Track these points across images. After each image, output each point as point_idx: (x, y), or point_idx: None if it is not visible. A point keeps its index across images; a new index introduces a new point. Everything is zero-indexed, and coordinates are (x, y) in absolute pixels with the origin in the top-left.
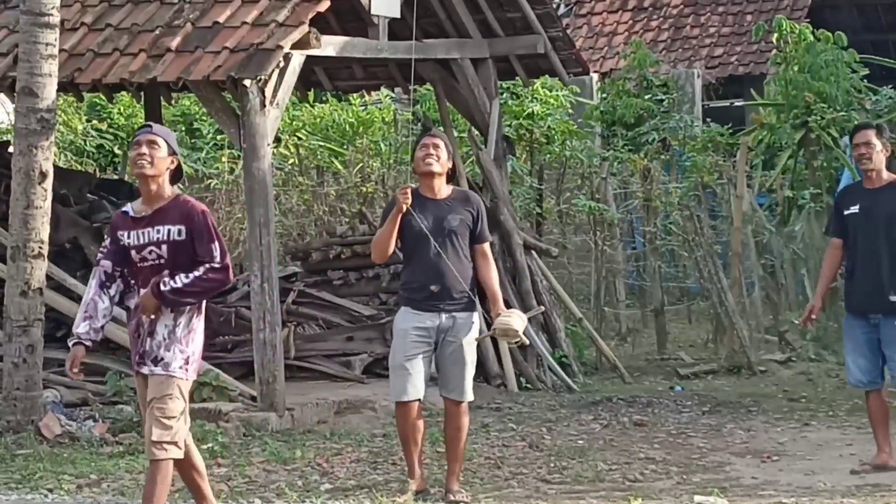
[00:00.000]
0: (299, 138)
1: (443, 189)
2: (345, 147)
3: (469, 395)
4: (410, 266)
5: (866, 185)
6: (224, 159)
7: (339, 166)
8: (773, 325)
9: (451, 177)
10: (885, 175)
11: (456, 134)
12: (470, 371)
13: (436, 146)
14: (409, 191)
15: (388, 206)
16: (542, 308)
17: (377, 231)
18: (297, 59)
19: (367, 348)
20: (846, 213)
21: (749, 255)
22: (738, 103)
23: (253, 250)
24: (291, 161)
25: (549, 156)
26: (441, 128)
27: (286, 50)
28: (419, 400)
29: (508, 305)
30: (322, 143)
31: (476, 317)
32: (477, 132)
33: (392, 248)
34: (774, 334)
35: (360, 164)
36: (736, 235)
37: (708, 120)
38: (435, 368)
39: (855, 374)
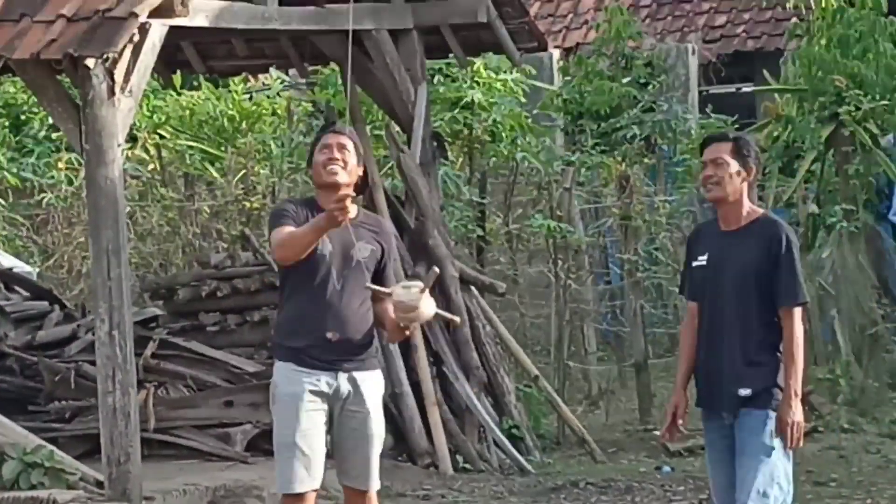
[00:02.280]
0: (161, 137)
1: (349, 206)
2: (223, 149)
3: (377, 482)
4: (298, 304)
5: (721, 224)
6: (61, 165)
7: (215, 174)
8: None
9: (361, 189)
10: (745, 209)
11: (369, 130)
12: (378, 448)
13: (341, 147)
14: (348, 200)
15: (278, 208)
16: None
17: (286, 232)
18: (158, 30)
19: (250, 416)
20: (694, 264)
21: None
22: (747, 88)
23: (99, 287)
24: (151, 167)
25: (494, 159)
26: (348, 122)
27: (142, 18)
28: (315, 490)
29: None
30: (192, 144)
31: (380, 375)
32: (397, 128)
33: (309, 248)
34: None
35: (243, 172)
36: None
37: (707, 110)
38: (330, 446)
39: (716, 495)
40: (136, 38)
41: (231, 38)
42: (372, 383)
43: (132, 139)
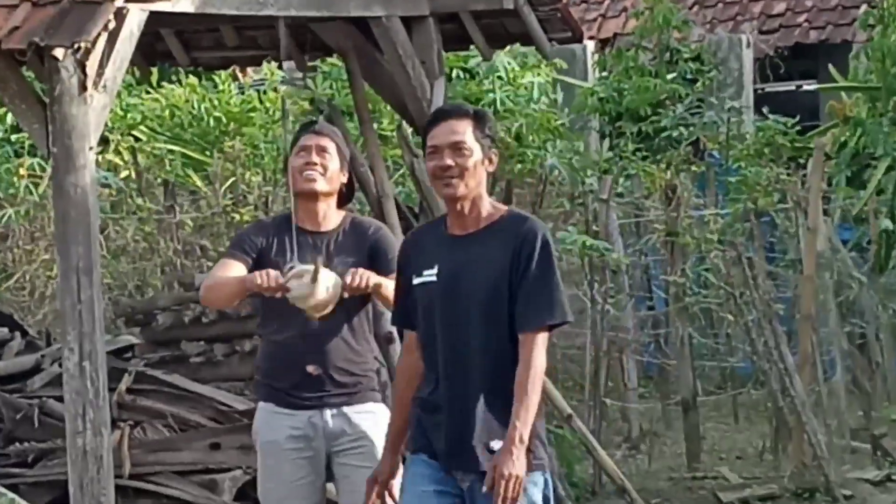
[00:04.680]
0: (136, 139)
1: (330, 216)
2: (208, 153)
3: None
4: (274, 337)
5: (452, 227)
6: (22, 171)
7: (199, 182)
8: (863, 425)
9: (346, 198)
10: (486, 208)
11: (378, 131)
12: None
13: (321, 150)
14: (277, 284)
15: (244, 233)
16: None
17: (218, 275)
18: (136, 17)
19: (240, 461)
20: (416, 280)
21: (827, 319)
22: (809, 86)
23: (67, 311)
24: (126, 174)
25: (520, 166)
26: (336, 120)
27: (119, 3)
28: None
29: None
30: (173, 147)
31: (383, 409)
32: (411, 129)
33: (234, 301)
34: (865, 440)
35: (232, 179)
36: (807, 288)
37: (763, 111)
38: (336, 494)
39: None
40: (112, 26)
41: (219, 25)
42: (368, 417)
43: (105, 142)
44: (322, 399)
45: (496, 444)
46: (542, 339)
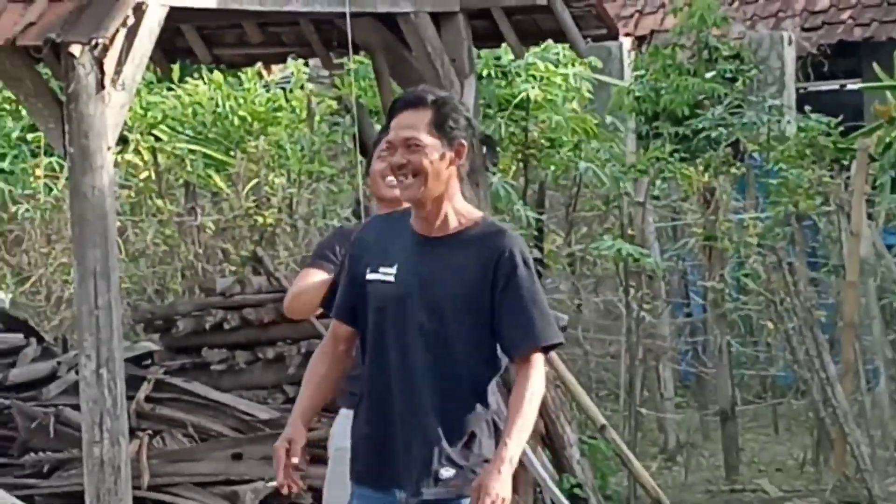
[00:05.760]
0: (157, 139)
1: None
2: (230, 153)
3: None
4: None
5: (417, 225)
6: (38, 171)
7: (222, 183)
8: None
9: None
10: (456, 212)
11: None
12: None
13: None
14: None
15: (325, 242)
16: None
17: (309, 282)
18: (157, 12)
19: (262, 472)
20: (370, 275)
21: (871, 327)
22: (853, 85)
23: (84, 316)
24: (145, 175)
25: (553, 168)
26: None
27: None
28: None
29: None
30: (194, 147)
31: None
32: None
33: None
34: None
35: (255, 181)
36: (850, 295)
37: (805, 110)
38: None
39: None
40: (131, 22)
41: (242, 21)
42: None
43: (123, 141)
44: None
45: (446, 473)
46: (538, 361)
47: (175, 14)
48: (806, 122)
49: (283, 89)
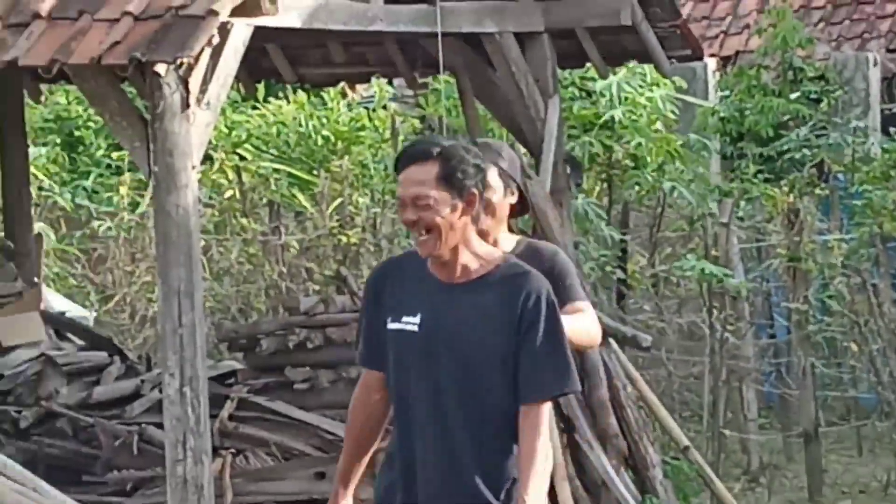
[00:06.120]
0: (242, 158)
1: (502, 241)
2: (314, 173)
3: None
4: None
5: (437, 272)
6: (123, 190)
7: (306, 202)
8: None
9: (520, 213)
10: (476, 256)
11: None
12: None
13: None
14: None
15: None
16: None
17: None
18: (241, 32)
19: None
20: (391, 324)
21: None
22: None
23: (168, 335)
24: (230, 194)
25: (637, 189)
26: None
27: (223, 17)
28: None
29: None
30: (278, 167)
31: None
32: (524, 149)
33: None
34: None
35: (339, 200)
36: None
37: (890, 132)
38: None
39: None
40: (216, 41)
41: (327, 41)
42: None
43: (207, 160)
44: None
45: None
46: (546, 410)
47: (260, 33)
48: (891, 143)
49: (367, 108)
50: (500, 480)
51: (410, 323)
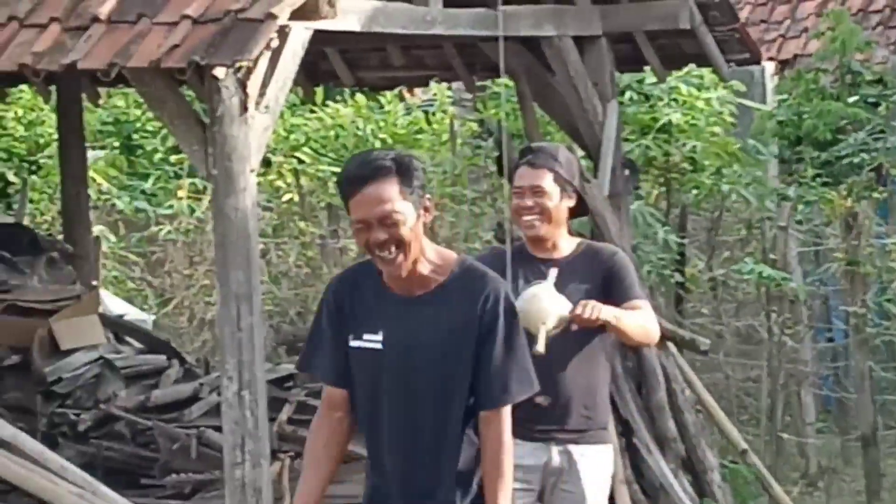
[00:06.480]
0: (300, 161)
1: (561, 244)
2: None
3: None
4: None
5: (395, 286)
6: (181, 193)
7: None
8: None
9: (576, 215)
10: (431, 264)
11: None
12: None
13: (535, 191)
14: None
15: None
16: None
17: None
18: (300, 35)
19: None
20: (353, 342)
21: None
22: None
23: (226, 338)
24: (288, 197)
25: (695, 192)
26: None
27: (282, 21)
28: None
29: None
30: (337, 169)
31: (609, 452)
32: (582, 152)
33: None
34: None
35: None
36: None
37: None
38: None
39: None
40: (275, 44)
41: (385, 44)
42: (592, 460)
43: (267, 164)
44: (550, 433)
45: None
46: (507, 414)
47: (319, 37)
48: None
49: (426, 112)
50: (468, 482)
51: (373, 341)
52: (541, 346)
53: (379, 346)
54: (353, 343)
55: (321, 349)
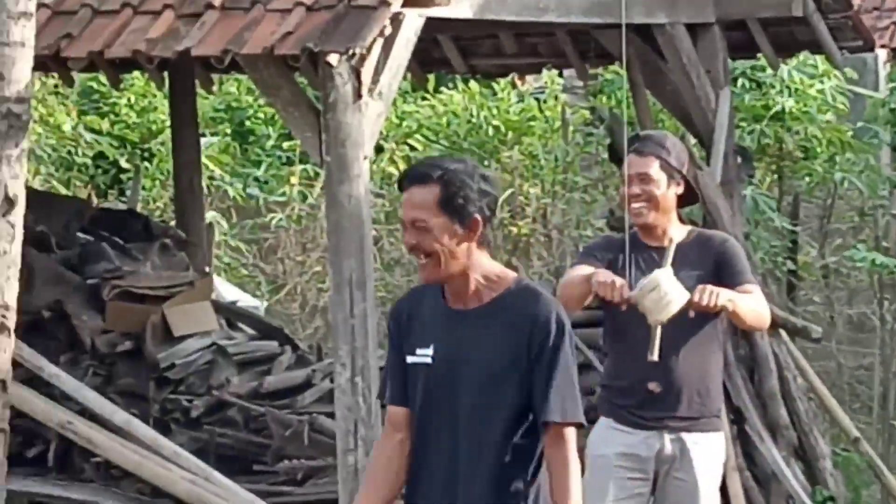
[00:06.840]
0: (412, 148)
1: (672, 231)
2: (485, 163)
3: None
4: (616, 351)
5: (450, 298)
6: (294, 180)
7: None
8: None
9: (687, 200)
10: (485, 279)
11: None
12: None
13: (643, 179)
14: (622, 291)
15: (593, 244)
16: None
17: (573, 275)
18: (414, 22)
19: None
20: (410, 359)
21: None
22: None
23: (339, 325)
24: None
25: (808, 180)
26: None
27: (395, 8)
28: None
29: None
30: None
31: (721, 440)
32: (694, 140)
33: (584, 301)
34: None
35: (510, 191)
36: None
37: None
38: None
39: None
40: (388, 32)
41: (498, 32)
42: (705, 448)
43: (380, 151)
44: (663, 421)
45: None
46: (572, 436)
47: (431, 24)
48: None
49: (538, 99)
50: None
51: (424, 355)
52: (654, 356)
53: (429, 360)
54: (409, 360)
55: (390, 374)
